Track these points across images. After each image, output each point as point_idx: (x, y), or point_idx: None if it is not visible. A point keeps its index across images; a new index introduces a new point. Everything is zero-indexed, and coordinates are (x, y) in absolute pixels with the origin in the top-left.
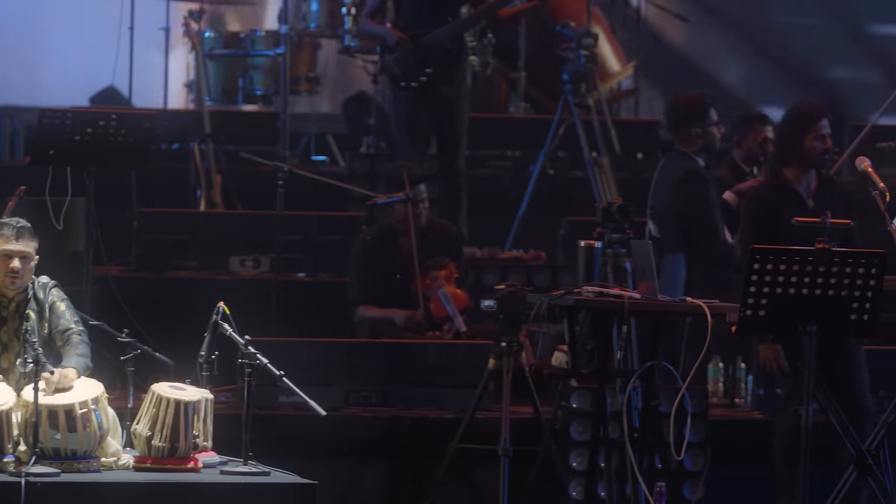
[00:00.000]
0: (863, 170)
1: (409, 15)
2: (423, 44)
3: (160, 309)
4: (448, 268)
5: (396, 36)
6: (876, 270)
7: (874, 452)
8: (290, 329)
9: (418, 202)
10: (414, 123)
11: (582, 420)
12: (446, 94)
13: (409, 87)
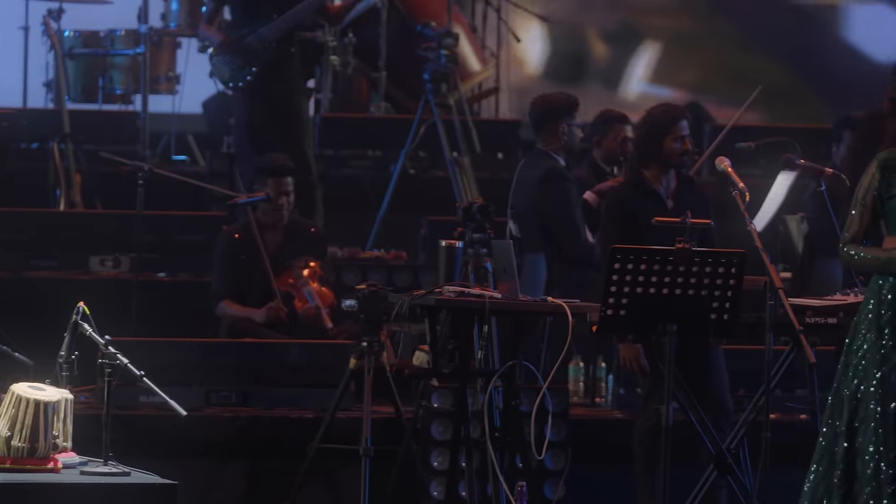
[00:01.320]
0: (722, 170)
1: (238, 15)
2: (246, 44)
3: (19, 309)
4: (311, 267)
5: (219, 39)
6: (735, 270)
7: (734, 452)
8: (151, 329)
9: (281, 196)
10: (252, 124)
11: (443, 420)
12: (279, 93)
13: (237, 88)
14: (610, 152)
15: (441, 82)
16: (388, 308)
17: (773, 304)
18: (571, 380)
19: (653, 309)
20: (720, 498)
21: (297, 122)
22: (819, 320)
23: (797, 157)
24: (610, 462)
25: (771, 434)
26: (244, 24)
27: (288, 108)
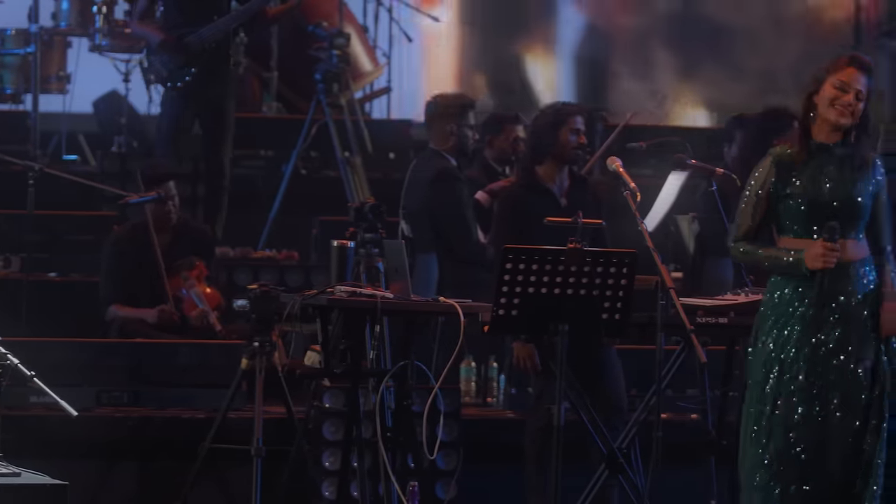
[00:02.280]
0: (614, 170)
1: (175, 15)
2: (186, 44)
3: None
4: (198, 267)
5: (160, 37)
6: (627, 270)
7: (625, 451)
8: (41, 329)
9: (168, 200)
10: (179, 124)
11: (335, 420)
12: (212, 95)
13: (174, 87)
14: (502, 152)
15: (333, 82)
16: (279, 308)
17: (665, 304)
18: (463, 380)
19: (545, 309)
20: (611, 497)
21: (223, 126)
22: (710, 320)
23: (688, 157)
24: (502, 462)
25: (662, 433)
26: (182, 24)
27: (217, 112)
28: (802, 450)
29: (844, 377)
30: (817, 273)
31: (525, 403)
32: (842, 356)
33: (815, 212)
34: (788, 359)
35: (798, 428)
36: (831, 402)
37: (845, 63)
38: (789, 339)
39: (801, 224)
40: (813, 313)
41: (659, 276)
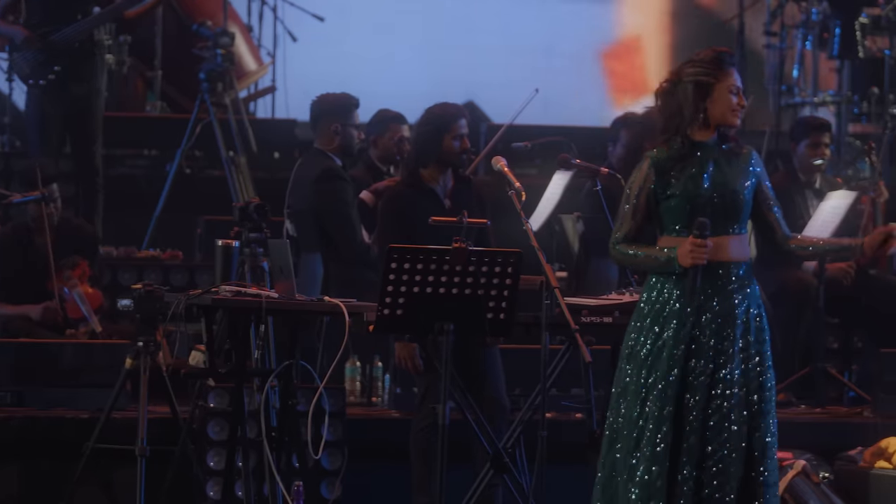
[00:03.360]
0: (499, 169)
1: (39, 13)
2: (51, 42)
3: None
4: (80, 266)
5: (24, 34)
6: (512, 270)
7: (510, 451)
8: None
9: (51, 201)
10: (45, 122)
11: (219, 419)
12: (77, 93)
13: (37, 85)
14: (386, 151)
15: (217, 81)
16: (164, 308)
17: (550, 304)
18: (348, 379)
19: (429, 308)
20: (496, 496)
21: (91, 123)
22: (595, 319)
23: (573, 156)
24: (386, 461)
25: (547, 433)
26: (46, 23)
27: (84, 109)
28: (676, 446)
29: (717, 376)
30: (689, 270)
31: (410, 403)
32: (715, 355)
33: (698, 209)
34: (662, 357)
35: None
36: (708, 400)
37: (728, 65)
38: (664, 338)
39: (683, 222)
40: (688, 312)
41: (544, 275)
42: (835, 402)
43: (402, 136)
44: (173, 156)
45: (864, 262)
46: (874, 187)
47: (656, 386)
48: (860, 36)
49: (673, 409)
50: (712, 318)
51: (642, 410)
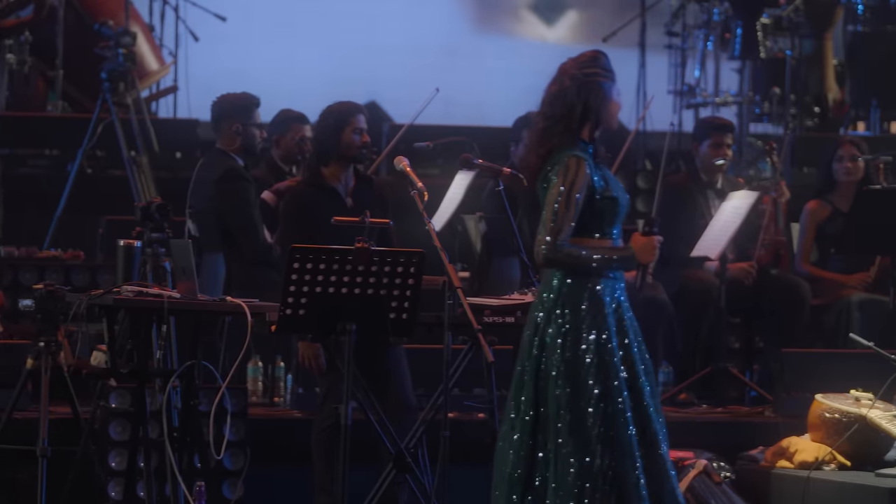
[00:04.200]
0: (401, 169)
1: None
2: None
3: None
4: None
5: None
6: (414, 270)
7: (413, 450)
8: None
9: None
10: None
11: (121, 420)
12: None
13: None
14: (288, 151)
15: (119, 81)
16: (65, 308)
17: (452, 304)
18: (250, 379)
19: (332, 308)
20: (399, 496)
21: None
22: (497, 319)
23: (475, 156)
24: (289, 461)
25: (449, 432)
26: None
27: None
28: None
29: (650, 372)
30: (640, 268)
31: (312, 403)
32: (643, 353)
33: (623, 211)
34: (606, 357)
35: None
36: (647, 396)
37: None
38: (606, 340)
39: (610, 223)
40: (622, 311)
41: (446, 275)
42: (736, 401)
43: (304, 136)
44: (75, 155)
45: (765, 261)
46: (775, 187)
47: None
48: (762, 36)
49: (626, 406)
50: (632, 318)
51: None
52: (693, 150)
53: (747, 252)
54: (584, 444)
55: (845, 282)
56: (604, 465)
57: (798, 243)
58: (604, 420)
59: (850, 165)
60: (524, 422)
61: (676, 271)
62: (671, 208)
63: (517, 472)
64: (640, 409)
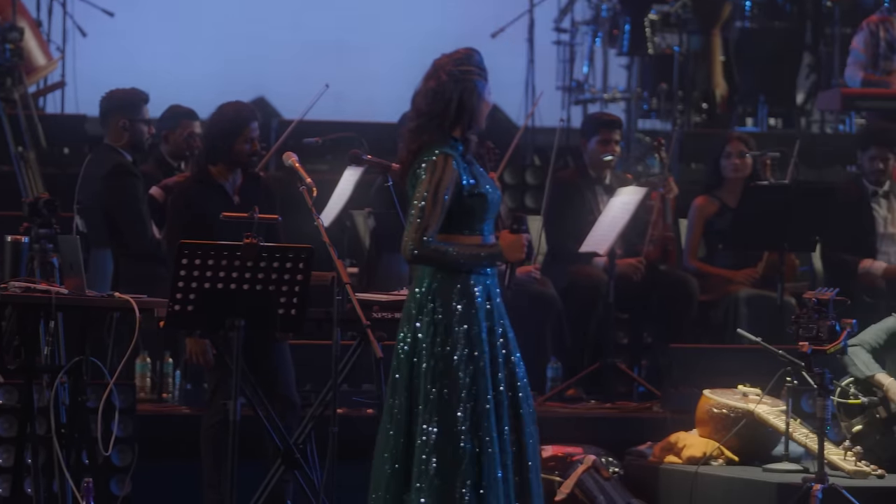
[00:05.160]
0: (290, 165)
1: None
2: None
3: None
4: None
5: None
6: (303, 266)
7: (301, 446)
8: None
9: None
10: None
11: (8, 416)
12: None
13: None
14: (177, 147)
15: (6, 76)
16: None
17: (341, 299)
18: (138, 375)
19: (220, 304)
20: (287, 492)
21: None
22: (386, 315)
23: (364, 152)
24: (177, 457)
25: (338, 428)
26: None
27: None
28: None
29: (518, 367)
30: (509, 266)
31: (200, 399)
32: (510, 347)
33: (493, 207)
34: (477, 352)
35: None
36: (520, 391)
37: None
38: (478, 334)
39: (479, 220)
40: (493, 306)
41: (335, 271)
42: (624, 397)
43: (192, 132)
44: None
45: (653, 257)
46: (663, 183)
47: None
48: (650, 33)
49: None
50: (502, 312)
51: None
52: (581, 146)
53: (636, 248)
54: (453, 438)
55: (733, 277)
56: (471, 459)
57: (686, 239)
58: (472, 415)
59: (737, 161)
60: (398, 418)
61: (565, 267)
62: (560, 204)
63: (394, 466)
64: (514, 399)
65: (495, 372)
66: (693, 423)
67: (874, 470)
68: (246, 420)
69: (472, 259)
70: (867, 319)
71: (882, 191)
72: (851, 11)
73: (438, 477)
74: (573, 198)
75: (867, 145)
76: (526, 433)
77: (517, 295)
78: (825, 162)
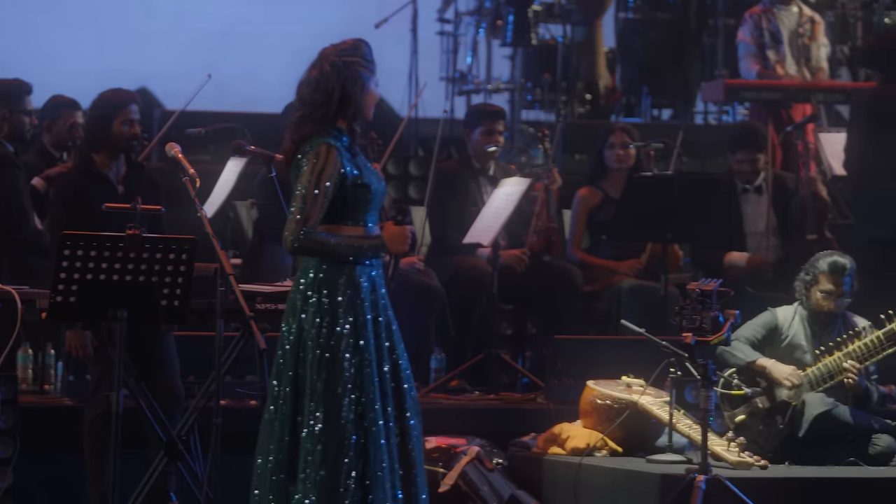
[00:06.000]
0: (173, 155)
1: None
2: None
3: None
4: None
5: None
6: (186, 256)
7: (184, 438)
8: None
9: None
10: None
11: None
12: None
13: None
14: (59, 137)
15: None
16: None
17: (224, 291)
18: (20, 367)
19: (103, 295)
20: (170, 484)
21: None
22: (269, 306)
23: (247, 143)
24: (60, 449)
25: (221, 420)
26: None
27: None
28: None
29: (402, 358)
30: (392, 257)
31: (83, 390)
32: (394, 339)
33: (377, 199)
34: (362, 343)
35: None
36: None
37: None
38: (363, 325)
39: (363, 211)
40: (378, 297)
41: (218, 262)
42: (508, 388)
43: (75, 123)
44: None
45: (537, 248)
46: (547, 174)
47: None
48: (533, 23)
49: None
50: (387, 303)
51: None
52: (465, 137)
53: (520, 239)
54: (338, 429)
55: (616, 268)
56: (356, 450)
57: (570, 230)
58: (358, 406)
59: (621, 152)
60: (283, 409)
61: (449, 258)
62: (443, 195)
63: (279, 457)
64: (398, 391)
65: (380, 363)
66: (577, 415)
67: (757, 461)
68: (129, 411)
69: (354, 251)
70: (751, 311)
71: (753, 186)
72: (734, 2)
73: (324, 468)
74: (457, 189)
75: (736, 148)
76: (410, 424)
77: (401, 286)
78: (709, 153)
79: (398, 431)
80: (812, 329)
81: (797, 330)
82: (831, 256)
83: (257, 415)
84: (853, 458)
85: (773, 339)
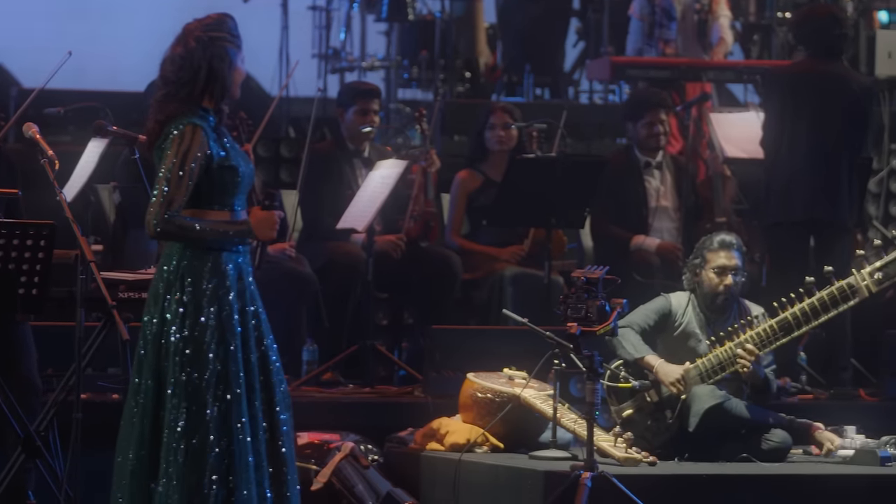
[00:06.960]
0: (30, 136)
1: None
2: None
3: None
4: None
5: None
6: (45, 243)
7: (43, 433)
8: None
9: None
10: None
11: None
12: None
13: None
14: None
15: None
16: None
17: (85, 278)
18: None
19: None
20: (28, 482)
21: None
22: (133, 295)
23: (109, 123)
24: None
25: (82, 414)
26: None
27: None
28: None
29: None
30: (259, 244)
31: None
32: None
33: (245, 182)
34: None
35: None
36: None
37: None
38: (228, 315)
39: (230, 195)
40: (245, 284)
41: (79, 248)
42: (384, 381)
43: None
44: None
45: (414, 234)
46: (425, 156)
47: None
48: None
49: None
50: (255, 293)
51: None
52: (339, 117)
53: (396, 224)
54: (202, 425)
55: (498, 255)
56: (220, 447)
57: (448, 215)
58: (223, 400)
59: (502, 133)
60: (145, 403)
61: (322, 244)
62: (316, 178)
63: (140, 453)
64: (267, 384)
65: (247, 355)
66: (456, 409)
67: (645, 457)
68: None
69: (219, 236)
70: (638, 299)
71: (655, 161)
72: None
73: (187, 465)
74: (330, 171)
75: (640, 113)
76: (280, 419)
77: (271, 273)
78: (594, 134)
79: (267, 427)
80: (706, 316)
81: (690, 317)
82: (717, 235)
83: (120, 409)
84: (746, 453)
85: (665, 325)
